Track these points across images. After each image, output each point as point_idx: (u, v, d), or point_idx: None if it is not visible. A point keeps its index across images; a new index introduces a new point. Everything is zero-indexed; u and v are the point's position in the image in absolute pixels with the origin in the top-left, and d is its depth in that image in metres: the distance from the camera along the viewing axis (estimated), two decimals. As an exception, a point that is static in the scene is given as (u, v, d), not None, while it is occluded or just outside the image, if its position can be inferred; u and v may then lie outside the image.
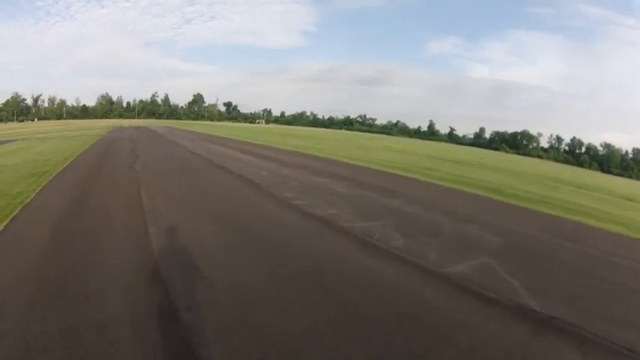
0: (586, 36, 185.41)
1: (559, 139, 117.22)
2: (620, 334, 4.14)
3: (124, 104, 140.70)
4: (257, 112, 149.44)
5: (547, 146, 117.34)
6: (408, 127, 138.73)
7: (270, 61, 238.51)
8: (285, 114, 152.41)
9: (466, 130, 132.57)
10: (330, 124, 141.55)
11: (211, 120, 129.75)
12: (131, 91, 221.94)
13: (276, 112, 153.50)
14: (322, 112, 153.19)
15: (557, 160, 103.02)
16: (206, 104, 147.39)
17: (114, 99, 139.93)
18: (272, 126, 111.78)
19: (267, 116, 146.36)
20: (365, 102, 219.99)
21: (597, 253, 7.47)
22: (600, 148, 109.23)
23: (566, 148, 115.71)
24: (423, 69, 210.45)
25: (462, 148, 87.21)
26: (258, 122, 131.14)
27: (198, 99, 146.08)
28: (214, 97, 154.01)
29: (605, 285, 5.76)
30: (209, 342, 3.42)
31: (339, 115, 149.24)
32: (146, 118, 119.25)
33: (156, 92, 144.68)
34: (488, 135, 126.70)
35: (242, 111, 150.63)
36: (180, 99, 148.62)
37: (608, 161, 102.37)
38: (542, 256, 6.82)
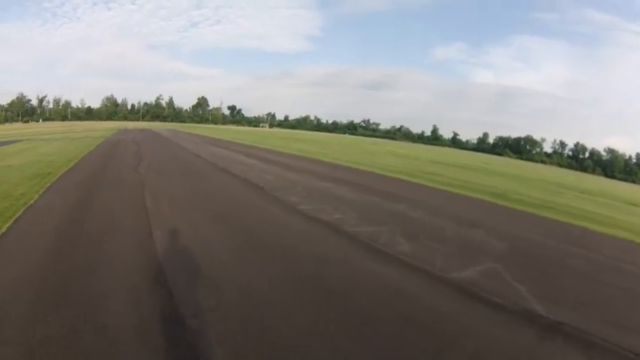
0: (590, 41, 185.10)
1: (562, 145, 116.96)
2: (627, 339, 4.15)
3: (129, 106, 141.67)
4: (261, 115, 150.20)
5: (550, 151, 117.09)
6: (411, 132, 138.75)
7: (275, 65, 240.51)
8: (289, 118, 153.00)
9: (470, 135, 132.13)
10: (333, 128, 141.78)
11: (215, 123, 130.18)
12: (136, 94, 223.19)
13: (280, 116, 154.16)
14: (326, 117, 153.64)
15: (560, 165, 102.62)
16: (210, 107, 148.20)
17: (119, 101, 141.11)
18: (276, 130, 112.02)
19: (271, 120, 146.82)
20: (369, 107, 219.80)
21: (602, 258, 7.48)
22: (604, 153, 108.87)
23: (570, 153, 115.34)
24: (428, 74, 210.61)
25: (465, 153, 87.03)
26: (262, 126, 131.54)
27: (202, 102, 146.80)
28: (219, 101, 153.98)
29: (611, 290, 5.77)
30: (215, 347, 3.42)
31: (343, 119, 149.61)
32: (150, 121, 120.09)
33: (160, 95, 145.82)
34: (491, 140, 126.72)
35: (246, 115, 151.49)
36: (185, 102, 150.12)
37: (611, 166, 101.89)
38: (547, 262, 6.83)
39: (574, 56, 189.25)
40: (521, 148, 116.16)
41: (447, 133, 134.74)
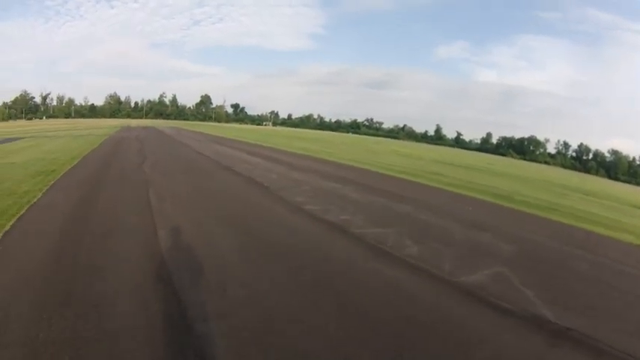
0: (594, 41, 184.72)
1: (566, 145, 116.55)
2: (638, 346, 4.14)
3: (132, 104, 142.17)
4: (264, 114, 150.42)
5: (554, 152, 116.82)
6: (414, 131, 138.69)
7: (278, 63, 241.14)
8: (292, 116, 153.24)
9: (473, 134, 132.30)
10: (336, 127, 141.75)
11: (218, 121, 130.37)
12: (139, 91, 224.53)
13: (283, 115, 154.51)
14: (329, 115, 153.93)
15: (564, 166, 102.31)
16: (213, 105, 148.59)
17: (122, 99, 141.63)
18: (279, 128, 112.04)
19: (274, 118, 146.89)
20: (372, 105, 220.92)
21: (609, 262, 7.45)
22: (607, 155, 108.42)
23: (573, 154, 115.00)
24: (431, 73, 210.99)
25: (469, 153, 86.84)
26: (265, 124, 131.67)
27: (205, 100, 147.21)
28: (222, 99, 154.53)
29: (619, 295, 5.75)
30: (222, 352, 3.41)
31: (346, 118, 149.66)
32: (154, 119, 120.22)
33: (164, 93, 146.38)
34: (495, 140, 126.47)
35: (249, 113, 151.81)
36: (188, 100, 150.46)
37: (615, 168, 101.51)
38: (554, 265, 6.80)
39: (578, 56, 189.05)
40: (524, 149, 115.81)
41: (450, 133, 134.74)
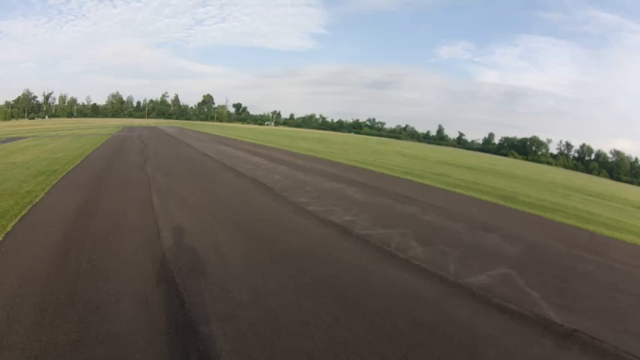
0: (597, 42, 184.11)
1: (568, 146, 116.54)
2: (645, 350, 4.13)
3: (134, 104, 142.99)
4: (266, 113, 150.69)
5: (556, 153, 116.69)
6: (417, 132, 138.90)
7: (281, 63, 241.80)
8: (295, 116, 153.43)
9: (475, 135, 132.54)
10: (339, 127, 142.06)
11: (221, 121, 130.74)
12: (141, 91, 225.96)
13: (285, 115, 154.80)
14: (331, 115, 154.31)
15: (566, 166, 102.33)
16: (216, 105, 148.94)
17: (124, 98, 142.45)
18: (281, 128, 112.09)
19: (276, 118, 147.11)
20: (374, 105, 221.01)
21: (614, 264, 7.41)
22: (610, 155, 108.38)
23: (576, 154, 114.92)
24: (434, 73, 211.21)
25: (472, 153, 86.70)
26: (268, 124, 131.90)
27: (208, 100, 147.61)
28: (224, 99, 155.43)
29: (626, 297, 5.73)
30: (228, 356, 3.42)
31: (348, 118, 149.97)
32: (156, 118, 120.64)
33: (166, 92, 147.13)
34: (497, 140, 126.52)
35: (251, 113, 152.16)
36: (190, 100, 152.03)
37: (617, 168, 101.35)
38: (560, 267, 6.78)
39: (581, 57, 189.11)
40: (526, 149, 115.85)
41: (452, 133, 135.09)
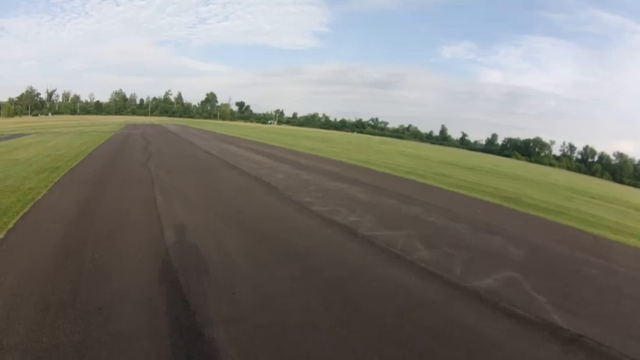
0: (600, 43, 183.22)
1: (571, 147, 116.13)
2: (651, 356, 4.12)
3: (138, 101, 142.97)
4: (269, 112, 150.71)
5: (559, 154, 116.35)
6: (419, 132, 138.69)
7: (284, 61, 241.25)
8: (297, 115, 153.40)
9: (478, 135, 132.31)
10: (341, 126, 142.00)
11: (224, 119, 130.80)
12: (145, 89, 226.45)
13: (288, 113, 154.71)
14: (334, 114, 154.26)
15: (569, 168, 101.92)
16: (219, 103, 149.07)
17: (127, 96, 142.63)
18: (284, 127, 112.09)
19: (279, 117, 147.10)
20: (377, 105, 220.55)
21: (619, 268, 7.39)
22: (613, 157, 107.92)
23: (579, 156, 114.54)
24: (436, 73, 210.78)
25: (474, 154, 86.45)
26: (270, 123, 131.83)
27: (211, 98, 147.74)
28: (227, 97, 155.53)
29: (631, 302, 5.73)
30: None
31: (351, 117, 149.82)
32: (159, 116, 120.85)
33: (169, 90, 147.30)
34: (500, 141, 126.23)
35: (254, 111, 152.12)
36: (194, 98, 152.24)
37: (620, 171, 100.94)
38: (564, 271, 6.78)
39: (584, 57, 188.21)
40: (529, 151, 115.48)
41: (455, 133, 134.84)
